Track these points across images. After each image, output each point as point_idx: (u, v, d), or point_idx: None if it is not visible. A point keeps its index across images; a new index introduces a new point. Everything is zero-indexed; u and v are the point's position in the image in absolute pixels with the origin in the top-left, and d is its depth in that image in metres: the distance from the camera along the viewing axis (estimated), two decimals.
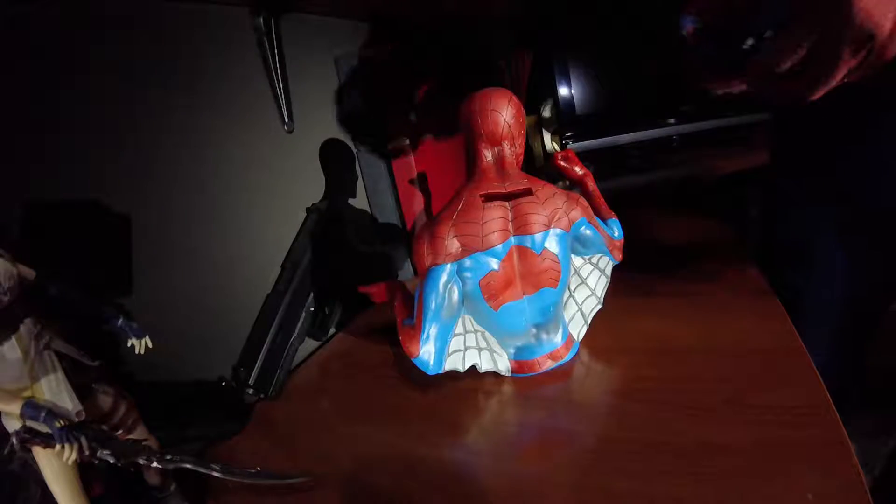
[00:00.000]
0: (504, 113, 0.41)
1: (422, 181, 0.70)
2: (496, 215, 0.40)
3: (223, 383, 0.48)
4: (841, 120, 0.31)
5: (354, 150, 0.69)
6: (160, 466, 0.34)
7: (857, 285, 0.48)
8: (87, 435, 0.30)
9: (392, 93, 0.68)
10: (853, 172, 0.43)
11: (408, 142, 0.67)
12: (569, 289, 0.46)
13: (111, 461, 0.32)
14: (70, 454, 0.29)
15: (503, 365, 0.44)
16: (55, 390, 0.30)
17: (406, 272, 0.73)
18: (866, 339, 0.52)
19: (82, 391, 0.32)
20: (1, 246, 0.29)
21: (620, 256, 0.46)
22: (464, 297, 0.41)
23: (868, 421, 0.55)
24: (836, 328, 0.50)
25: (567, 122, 0.77)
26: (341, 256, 0.62)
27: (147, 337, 0.35)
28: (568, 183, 0.49)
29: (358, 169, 0.70)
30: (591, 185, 0.47)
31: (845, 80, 0.32)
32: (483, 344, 0.44)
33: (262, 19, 0.51)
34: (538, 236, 0.40)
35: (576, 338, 0.45)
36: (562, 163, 0.47)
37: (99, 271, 0.40)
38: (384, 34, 0.71)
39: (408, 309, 0.44)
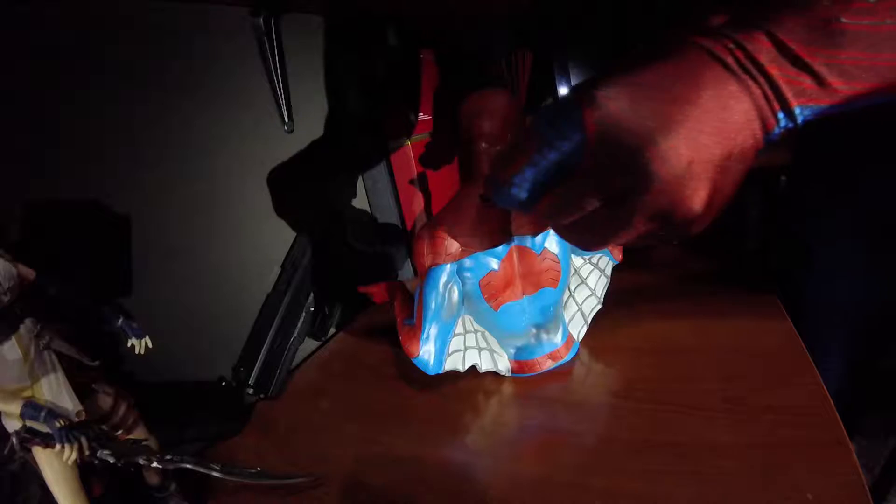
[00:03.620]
0: (504, 113, 0.41)
1: (422, 181, 0.70)
2: (496, 215, 0.40)
3: (223, 383, 0.48)
4: (867, 124, 0.30)
5: (354, 150, 0.69)
6: (160, 466, 0.34)
7: (872, 289, 0.47)
8: (87, 435, 0.30)
9: (392, 93, 0.68)
10: (876, 176, 0.43)
11: (408, 142, 0.67)
12: (569, 289, 0.46)
13: (111, 461, 0.32)
14: (70, 454, 0.29)
15: (503, 365, 0.44)
16: (55, 390, 0.30)
17: (406, 272, 0.73)
18: (878, 344, 0.51)
19: (82, 391, 0.32)
20: (1, 246, 0.29)
21: (621, 257, 0.46)
22: (464, 297, 0.41)
23: (868, 421, 0.55)
24: (848, 332, 0.50)
25: None
26: (341, 256, 0.62)
27: (147, 337, 0.35)
28: None
29: (358, 169, 0.70)
30: None
31: (646, 243, 0.29)
32: (483, 344, 0.44)
33: (262, 19, 0.51)
34: (538, 236, 0.40)
35: (576, 338, 0.45)
36: None
37: (99, 271, 0.40)
38: (384, 34, 0.71)
39: (408, 309, 0.44)
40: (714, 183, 0.24)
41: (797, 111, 0.23)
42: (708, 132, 0.23)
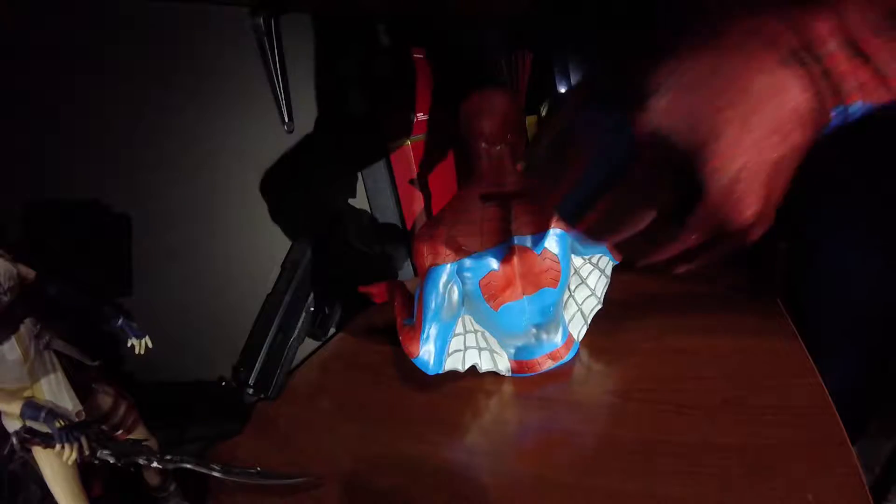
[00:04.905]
0: (504, 113, 0.41)
1: (422, 181, 0.70)
2: (496, 215, 0.40)
3: (223, 383, 0.48)
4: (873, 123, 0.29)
5: (354, 151, 0.69)
6: (160, 466, 0.34)
7: (873, 289, 0.47)
8: (87, 435, 0.30)
9: (392, 93, 0.68)
10: (881, 175, 0.43)
11: (408, 142, 0.67)
12: (569, 289, 0.46)
13: (111, 461, 0.32)
14: (70, 454, 0.29)
15: (503, 365, 0.44)
16: (55, 390, 0.30)
17: (406, 272, 0.73)
18: (879, 344, 0.50)
19: (82, 391, 0.32)
20: (1, 246, 0.29)
21: (620, 257, 0.46)
22: (464, 297, 0.41)
23: (868, 421, 0.55)
24: (849, 331, 0.49)
25: None
26: (341, 256, 0.62)
27: (147, 337, 0.35)
28: None
29: (358, 169, 0.70)
30: None
31: (700, 260, 0.28)
32: (483, 344, 0.44)
33: (262, 19, 0.51)
34: (538, 236, 0.40)
35: (576, 338, 0.45)
36: None
37: (99, 271, 0.40)
38: (384, 34, 0.71)
39: (408, 309, 0.44)
40: (773, 185, 0.22)
41: (854, 107, 0.21)
42: (768, 133, 0.21)
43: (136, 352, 0.35)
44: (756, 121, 0.21)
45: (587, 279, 0.46)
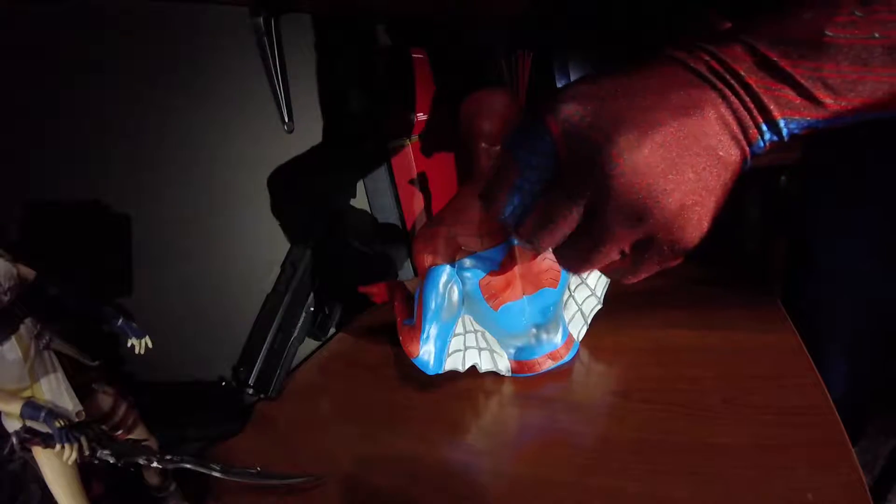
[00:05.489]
0: (503, 113, 0.41)
1: (422, 181, 0.70)
2: None
3: (223, 383, 0.48)
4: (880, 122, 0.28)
5: (354, 151, 0.69)
6: (160, 466, 0.34)
7: (874, 289, 0.47)
8: (87, 435, 0.30)
9: (392, 93, 0.68)
10: (883, 175, 0.43)
11: (408, 142, 0.67)
12: (569, 289, 0.46)
13: (111, 461, 0.32)
14: (70, 454, 0.29)
15: (503, 365, 0.44)
16: (55, 390, 0.30)
17: (406, 272, 0.73)
18: (879, 345, 0.50)
19: (82, 391, 0.32)
20: (1, 246, 0.29)
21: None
22: (464, 297, 0.41)
23: (868, 421, 0.55)
24: (849, 332, 0.49)
25: None
26: (341, 256, 0.62)
27: (147, 337, 0.35)
28: None
29: (358, 169, 0.70)
30: None
31: (640, 273, 0.28)
32: (483, 344, 0.44)
33: (262, 19, 0.51)
34: None
35: (576, 338, 0.45)
36: None
37: (99, 271, 0.40)
38: (384, 34, 0.71)
39: (408, 309, 0.44)
40: (690, 188, 0.23)
41: (781, 123, 0.22)
42: (676, 135, 0.22)
43: (136, 352, 0.35)
44: (669, 128, 0.22)
45: (587, 279, 0.46)
